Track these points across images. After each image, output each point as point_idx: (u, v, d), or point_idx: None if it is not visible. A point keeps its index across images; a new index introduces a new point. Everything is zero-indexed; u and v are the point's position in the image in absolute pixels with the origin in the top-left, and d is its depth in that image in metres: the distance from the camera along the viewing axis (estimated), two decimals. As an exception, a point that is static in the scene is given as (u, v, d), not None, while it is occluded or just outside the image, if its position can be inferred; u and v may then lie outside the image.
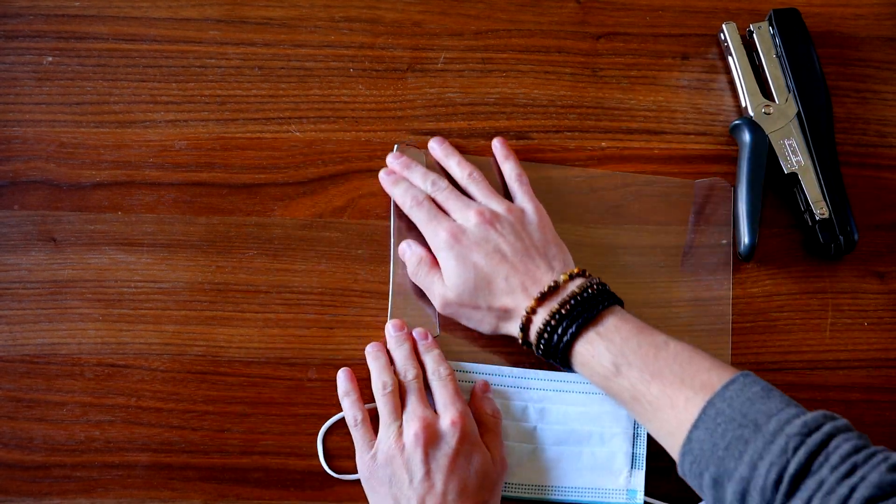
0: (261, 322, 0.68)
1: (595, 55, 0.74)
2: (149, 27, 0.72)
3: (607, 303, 0.61)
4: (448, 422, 0.62)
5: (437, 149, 0.70)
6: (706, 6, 0.75)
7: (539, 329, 0.61)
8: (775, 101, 0.72)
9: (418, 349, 0.67)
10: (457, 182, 0.69)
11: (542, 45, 0.74)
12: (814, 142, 0.70)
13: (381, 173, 0.69)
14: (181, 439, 0.66)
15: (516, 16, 0.74)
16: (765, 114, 0.71)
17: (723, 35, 0.73)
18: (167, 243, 0.68)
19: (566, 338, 0.60)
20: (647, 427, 0.60)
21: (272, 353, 0.67)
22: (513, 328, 0.63)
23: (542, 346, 0.62)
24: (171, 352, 0.67)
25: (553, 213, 0.68)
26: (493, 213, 0.65)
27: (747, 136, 0.70)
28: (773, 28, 0.73)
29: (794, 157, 0.70)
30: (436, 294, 0.65)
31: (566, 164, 0.72)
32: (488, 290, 0.63)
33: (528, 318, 0.62)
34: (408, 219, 0.68)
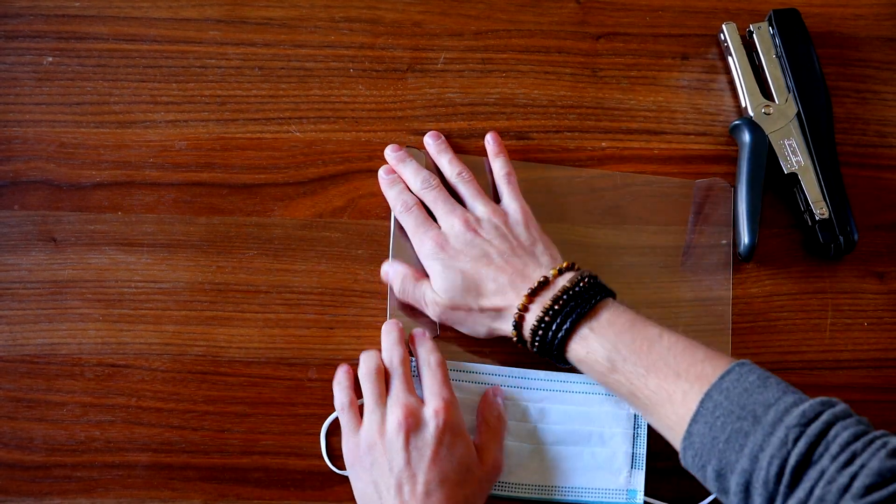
0: (261, 322, 0.68)
1: (595, 55, 0.74)
2: (149, 27, 0.72)
3: (600, 296, 0.61)
4: (432, 410, 0.61)
5: (431, 144, 0.70)
6: (706, 6, 0.75)
7: (533, 326, 0.61)
8: (775, 102, 0.72)
9: (413, 343, 0.66)
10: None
11: (542, 45, 0.74)
12: (814, 142, 0.70)
13: (380, 171, 0.69)
14: (181, 439, 0.66)
15: (516, 16, 0.74)
16: (765, 114, 0.71)
17: (723, 35, 0.73)
18: (167, 243, 0.68)
19: (561, 334, 0.60)
20: (647, 420, 0.60)
21: (272, 353, 0.67)
22: (506, 327, 0.63)
23: (537, 343, 0.61)
24: (172, 352, 0.67)
25: (553, 213, 0.68)
26: (477, 218, 0.65)
27: (747, 137, 0.70)
28: (772, 28, 0.73)
29: (794, 157, 0.70)
30: (428, 302, 0.65)
31: (566, 164, 0.72)
32: (477, 292, 0.63)
33: (521, 316, 0.61)
34: (405, 220, 0.68)
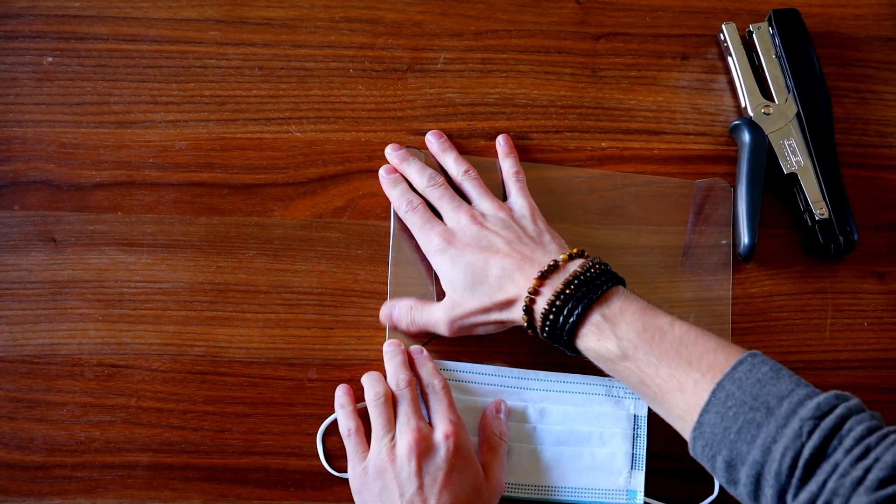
0: (261, 322, 0.68)
1: (595, 55, 0.74)
2: (149, 27, 0.72)
3: (611, 283, 0.59)
4: (442, 434, 0.61)
5: (433, 143, 0.70)
6: (706, 6, 0.75)
7: (544, 310, 0.59)
8: (775, 102, 0.72)
9: (414, 364, 0.66)
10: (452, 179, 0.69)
11: (542, 45, 0.74)
12: (813, 142, 0.70)
13: (381, 171, 0.69)
14: (181, 439, 0.66)
15: (516, 16, 0.74)
16: (764, 114, 0.71)
17: (722, 35, 0.73)
18: (167, 243, 0.68)
19: (572, 319, 0.58)
20: (656, 410, 0.59)
21: (272, 353, 0.67)
22: (516, 313, 0.61)
23: (548, 327, 0.60)
24: (172, 352, 0.67)
25: (553, 213, 0.68)
26: (483, 213, 0.65)
27: (747, 137, 0.70)
28: (772, 28, 0.73)
29: (794, 157, 0.70)
30: (439, 319, 0.64)
31: (566, 165, 0.72)
32: (486, 282, 0.62)
33: (532, 300, 0.60)
34: (406, 220, 0.68)
